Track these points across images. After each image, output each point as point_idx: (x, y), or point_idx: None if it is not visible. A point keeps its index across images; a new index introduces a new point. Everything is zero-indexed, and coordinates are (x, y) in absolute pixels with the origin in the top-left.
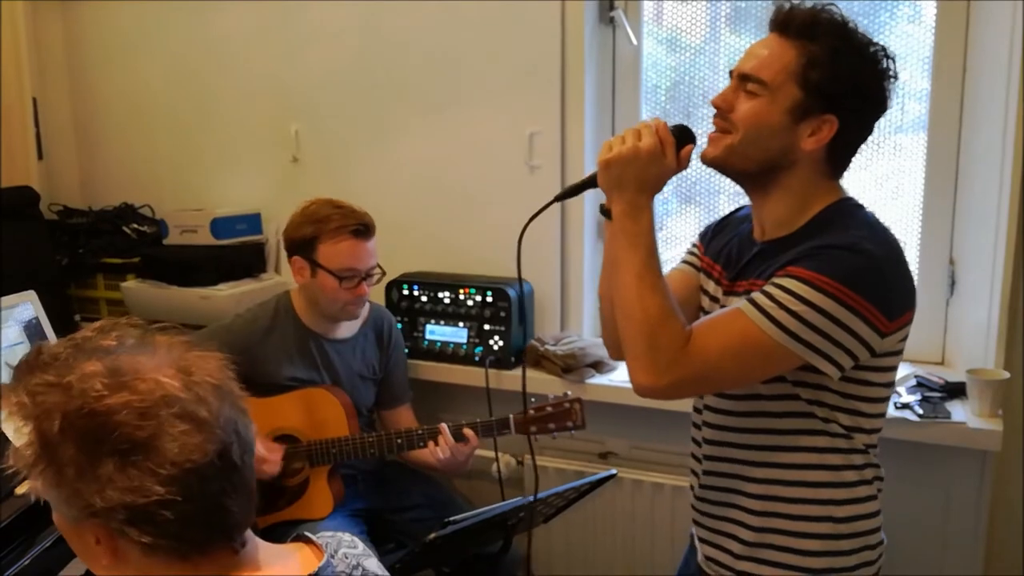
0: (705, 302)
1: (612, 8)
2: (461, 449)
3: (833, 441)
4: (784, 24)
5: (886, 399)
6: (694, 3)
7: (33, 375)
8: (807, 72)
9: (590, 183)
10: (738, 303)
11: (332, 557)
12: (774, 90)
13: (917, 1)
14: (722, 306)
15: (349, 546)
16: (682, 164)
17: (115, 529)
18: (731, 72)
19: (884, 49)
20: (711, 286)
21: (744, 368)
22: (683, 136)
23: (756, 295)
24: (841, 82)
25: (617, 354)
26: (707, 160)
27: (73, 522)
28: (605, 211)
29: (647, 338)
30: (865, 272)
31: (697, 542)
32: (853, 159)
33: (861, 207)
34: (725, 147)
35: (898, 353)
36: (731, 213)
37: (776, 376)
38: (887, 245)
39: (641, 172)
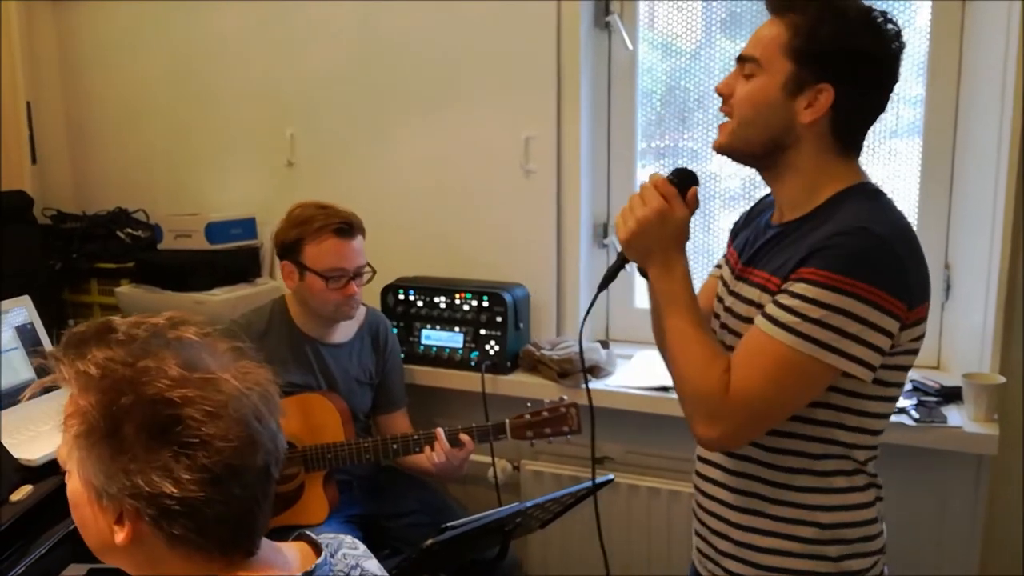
0: (720, 290)
1: (608, 13)
2: (456, 454)
3: (826, 447)
4: (773, 3)
5: (894, 399)
6: (688, 8)
7: (102, 349)
8: (792, 43)
9: (623, 261)
10: (757, 321)
11: (332, 557)
12: (767, 67)
13: (913, 1)
14: (731, 291)
15: (350, 547)
16: (692, 207)
17: (148, 515)
18: (737, 59)
19: (883, 13)
20: (725, 272)
21: (788, 393)
22: (683, 181)
23: (774, 311)
24: (827, 47)
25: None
26: (717, 149)
27: (101, 496)
28: (643, 272)
29: (692, 393)
30: (879, 260)
31: (694, 538)
32: (864, 134)
33: (879, 192)
34: (729, 133)
35: (913, 353)
36: (761, 199)
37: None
38: (900, 230)
39: (658, 235)
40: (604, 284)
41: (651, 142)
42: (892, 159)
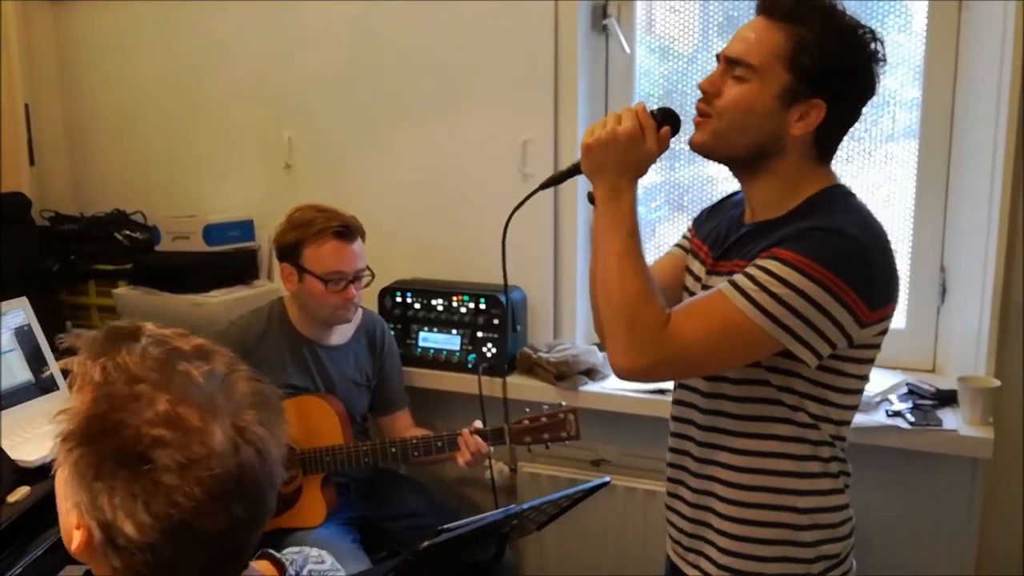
0: (689, 282)
1: (605, 16)
2: (481, 448)
3: (800, 431)
4: (772, 7)
5: (859, 392)
6: (686, 11)
7: (119, 355)
8: (797, 56)
9: (575, 170)
10: (720, 285)
11: (297, 574)
12: (762, 75)
13: (908, 1)
14: (705, 286)
15: (316, 561)
16: (661, 146)
17: (98, 538)
18: (718, 56)
19: (872, 31)
20: (696, 266)
21: (723, 352)
22: (665, 119)
23: (738, 277)
24: (830, 66)
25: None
26: (694, 146)
27: (67, 498)
28: (591, 197)
29: (626, 319)
30: (849, 257)
31: (668, 528)
32: (840, 144)
33: (852, 194)
34: (711, 132)
35: (875, 347)
36: (726, 197)
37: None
38: (874, 233)
39: (621, 155)
40: (548, 183)
41: None
42: (888, 163)
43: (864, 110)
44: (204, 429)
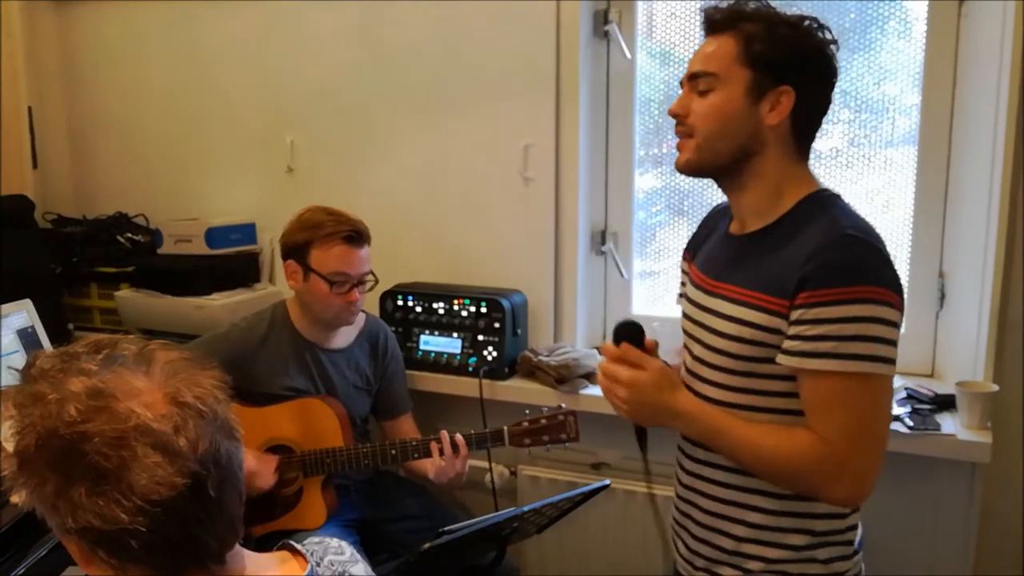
0: (686, 307)
1: (606, 22)
2: (453, 459)
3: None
4: (713, 23)
5: None
6: (687, 17)
7: (21, 384)
8: (750, 48)
9: (642, 434)
10: (811, 365)
11: (318, 565)
12: (726, 79)
13: (907, 2)
14: (703, 308)
15: (336, 552)
16: (653, 353)
17: (87, 549)
18: (681, 81)
19: (816, 20)
20: (692, 291)
21: (874, 411)
22: (630, 336)
23: (815, 345)
24: (784, 50)
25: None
26: (680, 167)
27: (46, 521)
28: (639, 436)
29: (800, 470)
30: (870, 261)
31: (675, 538)
32: (815, 137)
33: (838, 197)
34: (694, 149)
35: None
36: (710, 213)
37: (769, 375)
38: (873, 231)
39: (649, 399)
40: (644, 456)
41: (649, 150)
42: (887, 168)
43: (870, 120)
44: (120, 407)
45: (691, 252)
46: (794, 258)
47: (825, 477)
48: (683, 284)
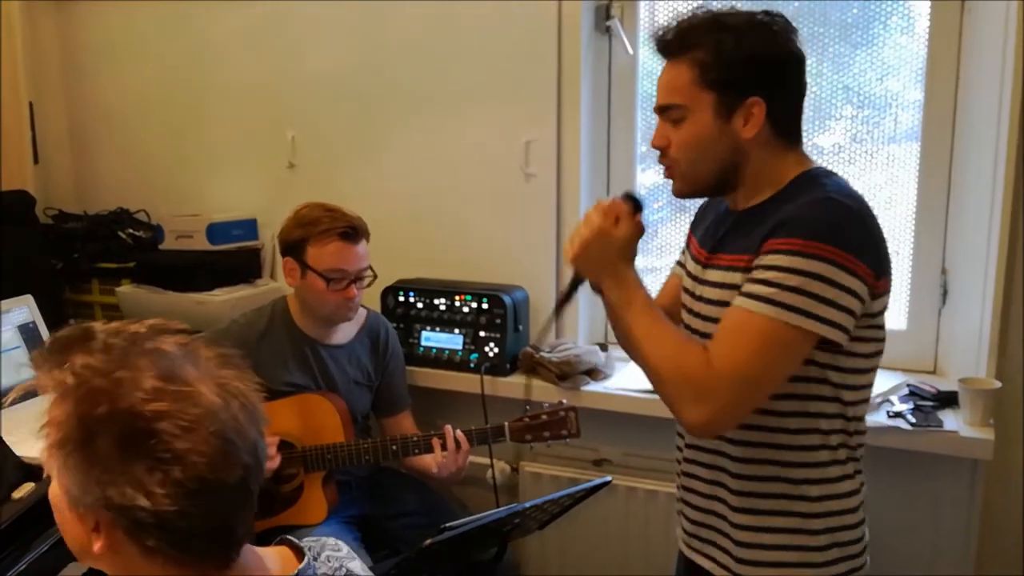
0: (687, 282)
1: (608, 18)
2: (454, 455)
3: (811, 421)
4: (664, 50)
5: (871, 370)
6: (688, 12)
7: (81, 356)
8: (706, 75)
9: (577, 281)
10: (737, 301)
11: (315, 560)
12: (692, 106)
13: (911, 1)
14: (701, 280)
15: (333, 549)
16: (640, 228)
17: (122, 526)
18: (655, 110)
19: (765, 13)
20: (691, 265)
21: (774, 365)
22: (636, 204)
23: (752, 287)
24: (739, 68)
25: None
26: (676, 195)
27: (78, 504)
28: (596, 289)
29: (674, 379)
30: (845, 226)
31: (681, 532)
32: (801, 120)
33: (833, 173)
34: (680, 177)
35: (878, 334)
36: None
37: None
38: (863, 204)
39: (603, 253)
40: (560, 304)
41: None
42: (890, 164)
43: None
44: (193, 392)
45: (693, 229)
46: (776, 218)
47: (690, 395)
48: (682, 253)
